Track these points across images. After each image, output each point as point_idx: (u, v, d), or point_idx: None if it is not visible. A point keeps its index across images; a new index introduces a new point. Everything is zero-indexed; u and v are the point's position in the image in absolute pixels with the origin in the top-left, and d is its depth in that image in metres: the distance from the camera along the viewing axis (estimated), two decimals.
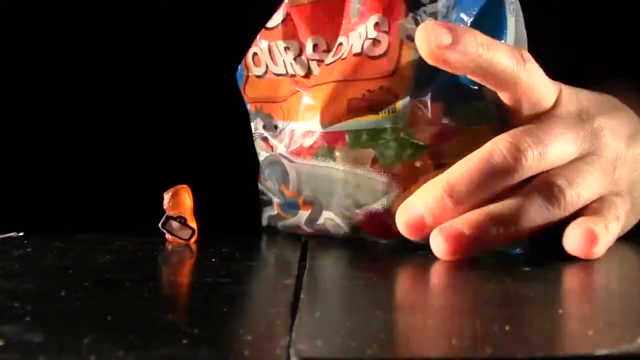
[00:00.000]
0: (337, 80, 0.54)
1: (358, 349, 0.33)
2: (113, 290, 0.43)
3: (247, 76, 0.59)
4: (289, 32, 0.57)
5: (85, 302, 0.40)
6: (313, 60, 0.56)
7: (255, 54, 0.58)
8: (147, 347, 0.32)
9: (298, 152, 0.56)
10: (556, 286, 0.44)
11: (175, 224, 0.56)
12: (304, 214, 0.57)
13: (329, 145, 0.55)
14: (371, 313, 0.40)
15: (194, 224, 0.56)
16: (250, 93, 0.59)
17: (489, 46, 0.51)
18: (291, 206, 0.58)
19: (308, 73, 0.56)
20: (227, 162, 0.73)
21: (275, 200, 0.59)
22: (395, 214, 0.52)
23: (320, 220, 0.57)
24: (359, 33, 0.54)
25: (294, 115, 0.57)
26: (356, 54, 0.54)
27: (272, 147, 0.58)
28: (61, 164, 0.73)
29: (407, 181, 0.53)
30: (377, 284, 0.47)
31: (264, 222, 0.60)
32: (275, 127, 0.58)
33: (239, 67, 0.60)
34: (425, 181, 0.52)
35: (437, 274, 0.49)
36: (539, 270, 0.48)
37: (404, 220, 0.52)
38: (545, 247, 0.55)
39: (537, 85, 0.53)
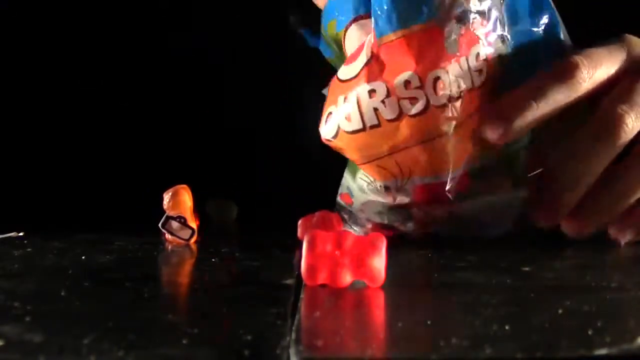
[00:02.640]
0: (461, 123, 0.51)
1: (358, 349, 0.33)
2: (113, 290, 0.43)
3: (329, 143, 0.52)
4: (373, 73, 0.50)
5: (85, 302, 0.40)
6: (404, 98, 0.50)
7: (330, 114, 0.52)
8: (147, 347, 0.32)
9: (429, 202, 0.53)
10: (556, 286, 0.44)
11: (175, 224, 0.56)
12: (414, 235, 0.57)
13: (460, 183, 0.52)
14: (371, 313, 0.40)
15: (194, 224, 0.56)
16: (351, 156, 0.53)
17: (537, 95, 0.51)
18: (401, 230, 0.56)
19: (399, 115, 0.50)
20: (227, 162, 0.73)
21: (370, 223, 0.56)
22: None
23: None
24: (461, 66, 0.50)
25: (416, 170, 0.52)
26: (470, 90, 0.51)
27: (393, 198, 0.54)
28: (61, 164, 0.73)
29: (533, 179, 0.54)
30: None
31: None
32: (387, 187, 0.53)
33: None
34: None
35: (436, 274, 0.49)
36: (539, 270, 0.48)
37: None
38: (545, 246, 0.55)
39: (600, 76, 0.53)
